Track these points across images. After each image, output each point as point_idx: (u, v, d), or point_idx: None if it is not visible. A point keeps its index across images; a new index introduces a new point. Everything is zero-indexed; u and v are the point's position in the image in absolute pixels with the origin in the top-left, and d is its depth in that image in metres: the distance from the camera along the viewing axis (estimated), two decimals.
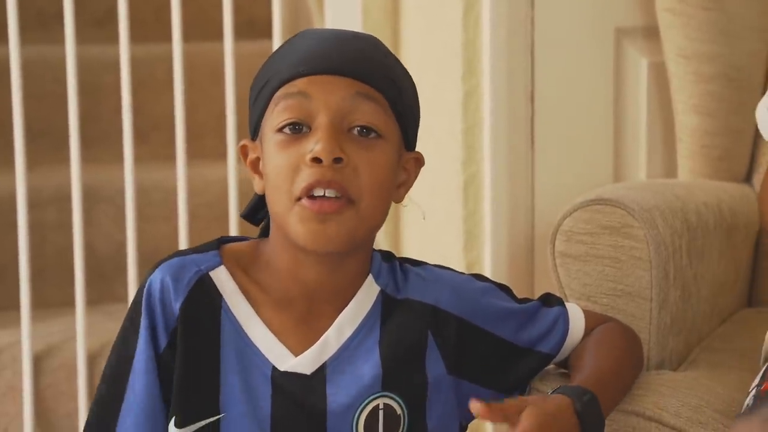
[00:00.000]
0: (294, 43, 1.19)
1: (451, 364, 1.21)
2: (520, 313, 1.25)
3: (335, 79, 1.14)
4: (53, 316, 2.12)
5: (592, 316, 1.29)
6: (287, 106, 1.14)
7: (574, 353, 1.26)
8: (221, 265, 1.19)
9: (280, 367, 1.17)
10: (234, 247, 1.22)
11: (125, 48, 1.94)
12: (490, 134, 1.75)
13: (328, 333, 1.18)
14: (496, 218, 1.76)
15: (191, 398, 1.16)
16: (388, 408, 1.18)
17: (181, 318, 1.16)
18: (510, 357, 1.24)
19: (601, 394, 1.18)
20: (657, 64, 1.77)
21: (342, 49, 1.16)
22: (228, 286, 1.18)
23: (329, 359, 1.18)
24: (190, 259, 1.19)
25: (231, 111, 1.98)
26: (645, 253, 1.36)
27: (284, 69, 1.16)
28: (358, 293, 1.20)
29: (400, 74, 1.19)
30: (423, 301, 1.21)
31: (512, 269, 1.77)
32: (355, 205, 1.14)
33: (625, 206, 1.37)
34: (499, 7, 1.73)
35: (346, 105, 1.14)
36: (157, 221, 2.23)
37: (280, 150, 1.14)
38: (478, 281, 1.26)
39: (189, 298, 1.17)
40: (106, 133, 2.31)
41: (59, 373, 2.01)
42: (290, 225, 1.14)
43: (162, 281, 1.17)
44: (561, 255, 1.39)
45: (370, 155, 1.14)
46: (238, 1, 2.12)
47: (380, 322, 1.20)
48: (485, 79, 1.76)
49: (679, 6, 1.67)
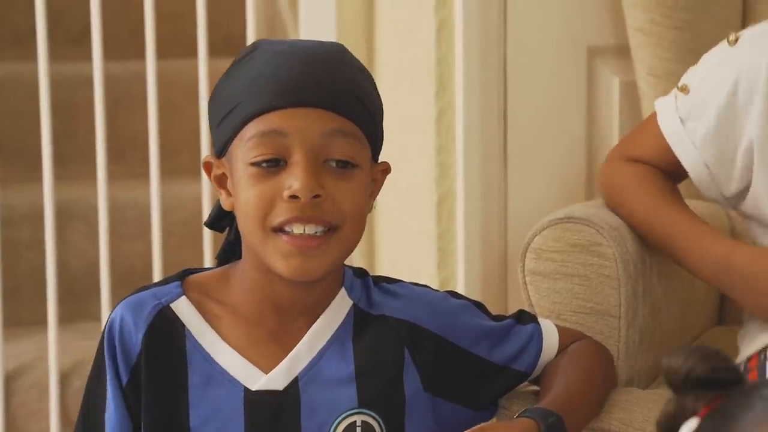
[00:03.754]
0: (263, 63, 1.16)
1: (427, 381, 1.21)
2: (495, 331, 1.25)
3: (310, 112, 1.14)
4: (25, 335, 2.11)
5: (566, 332, 1.30)
6: (262, 142, 1.13)
7: (545, 372, 1.26)
8: (182, 296, 1.19)
9: (252, 387, 1.16)
10: (198, 277, 1.21)
11: (98, 65, 1.93)
12: (463, 151, 1.76)
13: (299, 346, 1.18)
14: (469, 236, 1.76)
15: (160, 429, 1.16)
16: (366, 426, 1.17)
17: (143, 351, 1.16)
18: (485, 375, 1.24)
19: (568, 415, 1.18)
20: (629, 82, 1.78)
21: (314, 77, 1.15)
22: (190, 316, 1.18)
23: (301, 372, 1.17)
24: (149, 293, 1.19)
25: (205, 128, 1.98)
26: (613, 271, 1.36)
27: (255, 99, 1.15)
28: (329, 306, 1.20)
29: (366, 89, 1.19)
30: (399, 318, 1.21)
31: (485, 287, 1.77)
32: (338, 230, 1.14)
33: (594, 224, 1.38)
34: (471, 25, 1.74)
35: (323, 141, 1.14)
36: (132, 239, 2.23)
37: (254, 183, 1.14)
38: (454, 299, 1.26)
39: (150, 332, 1.17)
40: (81, 150, 2.31)
41: (31, 393, 2.00)
42: (270, 257, 1.14)
43: (121, 319, 1.17)
44: (531, 273, 1.40)
45: (347, 185, 1.15)
46: (215, 19, 2.12)
47: (353, 336, 1.19)
48: (458, 97, 1.76)
49: (649, 26, 1.68)
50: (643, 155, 1.45)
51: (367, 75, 1.20)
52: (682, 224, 1.39)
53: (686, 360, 0.81)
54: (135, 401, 1.17)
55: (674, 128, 1.42)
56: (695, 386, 0.81)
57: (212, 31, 2.01)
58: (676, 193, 1.44)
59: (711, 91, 1.39)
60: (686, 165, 1.41)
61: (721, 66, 1.40)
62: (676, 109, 1.42)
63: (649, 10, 1.69)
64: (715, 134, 1.39)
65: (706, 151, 1.39)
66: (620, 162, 1.46)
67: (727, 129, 1.38)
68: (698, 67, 1.44)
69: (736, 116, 1.37)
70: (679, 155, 1.41)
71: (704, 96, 1.40)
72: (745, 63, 1.37)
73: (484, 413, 1.26)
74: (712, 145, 1.39)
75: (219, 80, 1.20)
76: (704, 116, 1.39)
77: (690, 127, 1.41)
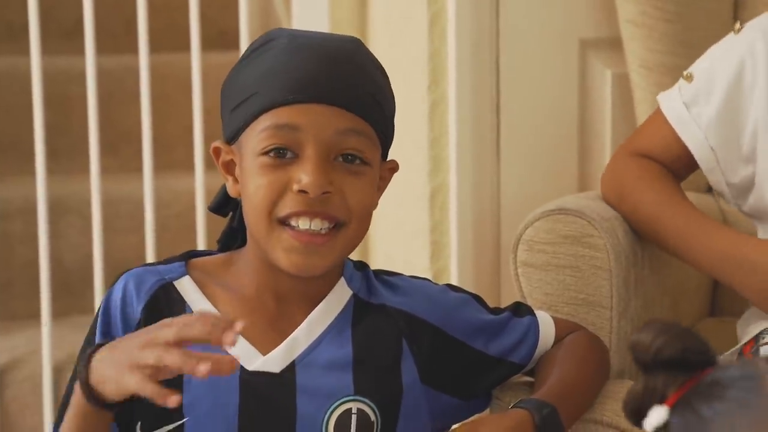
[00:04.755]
0: (281, 54, 1.16)
1: (424, 373, 1.21)
2: (493, 324, 1.25)
3: (325, 110, 1.14)
4: (19, 329, 2.11)
5: (562, 324, 1.30)
6: (275, 134, 1.14)
7: (540, 363, 1.27)
8: (186, 275, 1.19)
9: (249, 367, 1.17)
10: (202, 260, 1.22)
11: (91, 59, 1.93)
12: (456, 145, 1.76)
13: (297, 331, 1.18)
14: (462, 228, 1.77)
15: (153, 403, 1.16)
16: (361, 413, 1.17)
17: (142, 322, 1.16)
18: (482, 367, 1.25)
19: (562, 407, 1.18)
20: (621, 74, 1.78)
21: (333, 73, 1.15)
22: (193, 294, 1.19)
23: (298, 357, 1.18)
24: (153, 269, 1.20)
25: (198, 122, 1.98)
26: (605, 262, 1.36)
27: (270, 91, 1.15)
28: (329, 294, 1.20)
29: (382, 87, 1.19)
30: (399, 309, 1.22)
31: (478, 279, 1.77)
32: (345, 227, 1.15)
33: (586, 216, 1.38)
34: (464, 19, 1.74)
35: (336, 138, 1.14)
36: (126, 233, 2.23)
37: (264, 173, 1.14)
38: (453, 292, 1.27)
39: (150, 303, 1.17)
40: (75, 144, 2.31)
41: (24, 386, 2.00)
42: (272, 249, 1.15)
43: (124, 288, 1.18)
44: (523, 264, 1.40)
45: (357, 181, 1.15)
46: (209, 13, 2.13)
47: (351, 324, 1.20)
48: (451, 90, 1.76)
49: (640, 18, 1.68)
50: (650, 148, 1.45)
51: (382, 72, 1.20)
52: (686, 218, 1.39)
53: (656, 338, 0.76)
54: None
55: (679, 114, 1.42)
56: (664, 367, 0.77)
57: (205, 25, 2.01)
58: (679, 188, 1.45)
59: (716, 75, 1.41)
60: (692, 148, 1.41)
61: (726, 52, 1.41)
62: (681, 96, 1.43)
63: (640, 2, 1.69)
64: (721, 117, 1.39)
65: (712, 134, 1.40)
66: (626, 157, 1.47)
67: (732, 112, 1.39)
68: (703, 57, 1.45)
69: (741, 99, 1.38)
70: (685, 139, 1.42)
71: (709, 81, 1.41)
72: (749, 47, 1.38)
73: (476, 402, 1.27)
74: (717, 128, 1.40)
75: (234, 66, 1.20)
76: (710, 100, 1.40)
77: (695, 112, 1.41)
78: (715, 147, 1.40)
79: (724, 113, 1.39)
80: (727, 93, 1.39)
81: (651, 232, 1.42)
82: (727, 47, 1.42)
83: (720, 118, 1.39)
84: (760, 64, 1.36)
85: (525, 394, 1.25)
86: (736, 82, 1.38)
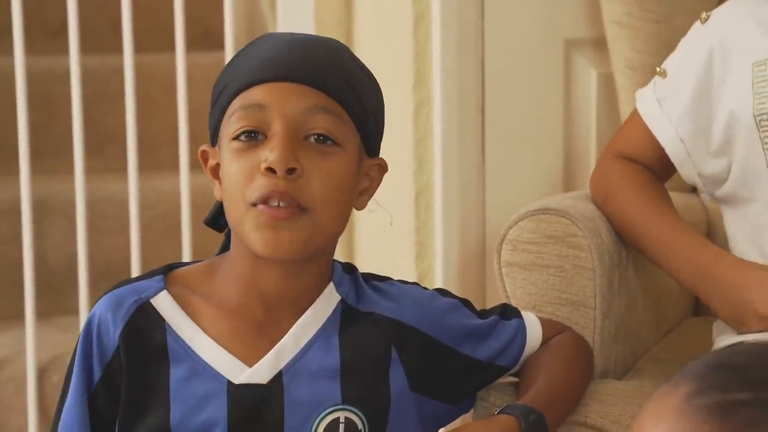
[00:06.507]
0: (253, 47, 1.18)
1: (414, 380, 1.20)
2: (481, 329, 1.25)
3: (292, 87, 1.13)
4: (3, 329, 2.11)
5: (549, 325, 1.30)
6: (243, 115, 1.13)
7: (527, 365, 1.26)
8: (163, 290, 1.18)
9: (235, 380, 1.15)
10: (182, 271, 1.20)
11: (75, 59, 1.93)
12: (441, 145, 1.76)
13: (284, 340, 1.17)
14: (447, 228, 1.76)
15: (140, 424, 1.15)
16: (349, 422, 1.16)
17: (122, 346, 1.16)
18: (470, 371, 1.24)
19: (549, 411, 1.18)
20: (606, 75, 1.78)
21: (300, 54, 1.14)
22: (170, 310, 1.17)
23: (285, 366, 1.16)
24: (130, 288, 1.18)
25: (183, 122, 1.97)
26: (589, 262, 1.36)
27: (241, 76, 1.15)
28: (317, 300, 1.19)
29: (361, 79, 1.18)
30: (387, 316, 1.20)
31: (464, 279, 1.77)
32: (308, 213, 1.13)
33: (570, 216, 1.38)
34: (449, 19, 1.74)
35: (303, 116, 1.13)
36: (111, 233, 2.22)
37: (235, 158, 1.13)
38: (443, 297, 1.25)
39: (128, 327, 1.16)
40: (59, 144, 2.30)
41: (8, 387, 2.00)
42: (246, 232, 1.13)
43: (100, 315, 1.17)
44: (507, 264, 1.40)
45: (326, 163, 1.13)
46: (195, 13, 2.12)
47: (339, 331, 1.18)
48: (436, 90, 1.76)
49: (626, 18, 1.68)
50: (631, 148, 1.45)
51: (363, 69, 1.19)
52: (667, 228, 1.39)
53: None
54: (108, 399, 1.16)
55: (651, 110, 1.43)
56: None
57: (193, 26, 2.01)
58: (664, 195, 1.44)
59: (685, 68, 1.41)
60: (662, 141, 1.41)
61: (694, 44, 1.42)
62: (654, 92, 1.43)
63: (625, 2, 1.69)
64: (690, 108, 1.40)
65: (682, 126, 1.40)
66: (610, 159, 1.47)
67: (702, 103, 1.39)
68: (675, 51, 1.45)
69: (711, 90, 1.38)
70: (657, 135, 1.42)
71: (679, 74, 1.41)
72: (717, 37, 1.38)
73: (461, 404, 1.27)
74: (687, 119, 1.40)
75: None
76: (679, 92, 1.41)
77: (667, 107, 1.42)
78: (685, 139, 1.40)
79: (694, 105, 1.40)
80: (696, 84, 1.39)
81: (633, 240, 1.42)
82: (695, 39, 1.42)
83: (689, 110, 1.40)
84: (730, 52, 1.36)
85: (509, 394, 1.25)
86: (705, 74, 1.38)
